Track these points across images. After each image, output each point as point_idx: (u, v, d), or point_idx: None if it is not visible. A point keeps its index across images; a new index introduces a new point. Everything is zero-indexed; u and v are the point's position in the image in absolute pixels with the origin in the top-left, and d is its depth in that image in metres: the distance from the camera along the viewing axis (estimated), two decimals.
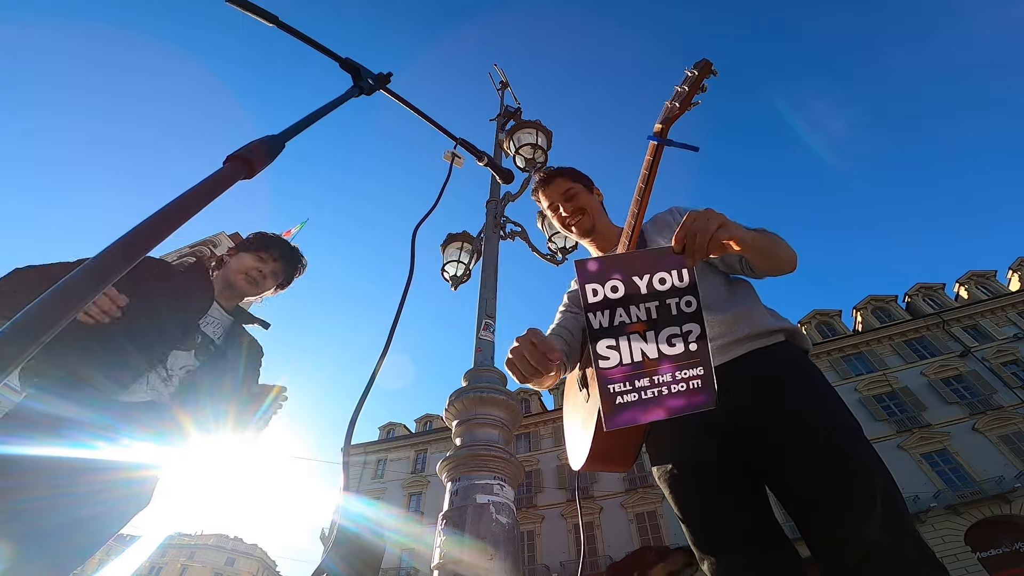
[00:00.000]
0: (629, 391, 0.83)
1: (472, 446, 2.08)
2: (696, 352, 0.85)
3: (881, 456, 0.99)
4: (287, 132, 0.65)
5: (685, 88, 0.97)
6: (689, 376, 0.84)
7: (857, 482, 0.94)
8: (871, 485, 0.94)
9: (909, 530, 0.91)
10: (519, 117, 4.44)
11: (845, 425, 1.03)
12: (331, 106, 0.78)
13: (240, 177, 0.56)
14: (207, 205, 0.51)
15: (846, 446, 0.99)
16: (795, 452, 1.00)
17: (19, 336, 0.34)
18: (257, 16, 0.84)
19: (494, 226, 3.23)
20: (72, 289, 0.38)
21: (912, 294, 27.22)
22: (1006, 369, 21.43)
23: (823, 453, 0.98)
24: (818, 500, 0.96)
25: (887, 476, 0.97)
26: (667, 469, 1.19)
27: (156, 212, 0.47)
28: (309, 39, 0.91)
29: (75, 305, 0.38)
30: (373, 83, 0.92)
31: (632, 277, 0.87)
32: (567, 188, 1.49)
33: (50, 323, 0.36)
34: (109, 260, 0.41)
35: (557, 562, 21.00)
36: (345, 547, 0.61)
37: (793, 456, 1.00)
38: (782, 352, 1.17)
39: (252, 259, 1.77)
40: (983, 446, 19.30)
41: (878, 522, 0.90)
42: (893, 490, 0.95)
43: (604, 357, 0.84)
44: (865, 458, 0.98)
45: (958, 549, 17.47)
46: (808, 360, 1.20)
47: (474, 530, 1.81)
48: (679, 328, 0.86)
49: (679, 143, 1.01)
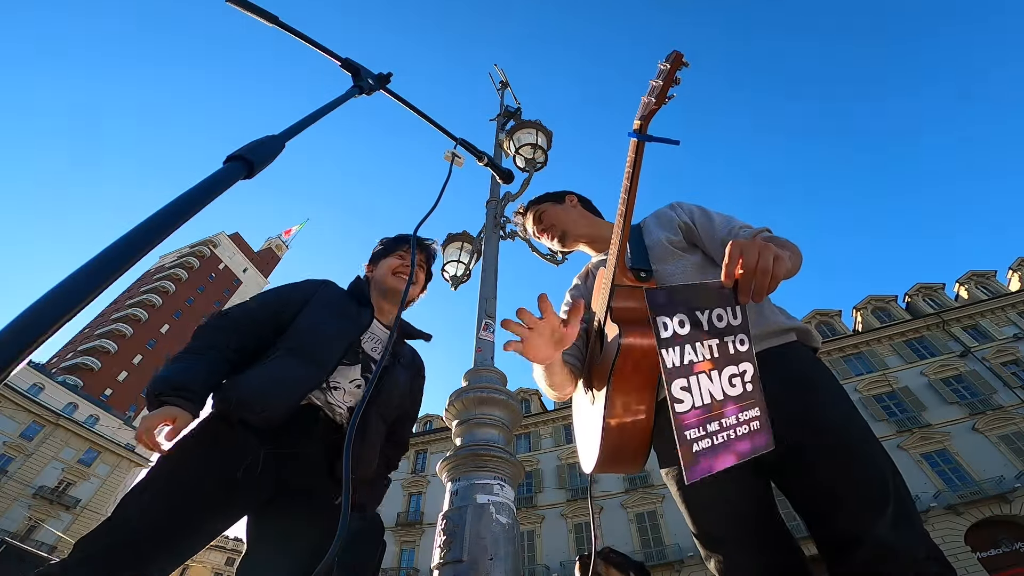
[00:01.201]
0: (703, 437, 0.80)
1: (472, 446, 2.08)
2: (752, 392, 0.84)
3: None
4: (287, 132, 0.65)
5: (660, 82, 0.96)
6: (750, 417, 0.83)
7: (872, 482, 0.94)
8: (885, 485, 0.94)
9: (920, 530, 0.91)
10: (519, 117, 4.44)
11: (859, 425, 1.03)
12: (331, 106, 0.78)
13: (240, 177, 0.56)
14: (207, 205, 0.51)
15: (861, 446, 1.00)
16: (810, 451, 1.00)
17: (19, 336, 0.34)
18: (257, 16, 0.84)
19: (494, 226, 3.23)
20: (72, 289, 0.38)
21: (912, 294, 27.21)
22: (1006, 369, 21.43)
23: (839, 452, 0.98)
24: (832, 499, 0.96)
25: (899, 476, 0.97)
26: (678, 469, 1.18)
27: (156, 212, 0.47)
28: (309, 39, 0.91)
29: (75, 305, 0.38)
30: (373, 83, 0.92)
31: (695, 311, 0.85)
32: (537, 211, 1.61)
33: (50, 323, 0.36)
34: (109, 260, 0.41)
35: (557, 562, 21.00)
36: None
37: (808, 455, 1.00)
38: (795, 351, 1.16)
39: (394, 259, 1.78)
40: (983, 446, 19.29)
41: (891, 522, 0.90)
42: (904, 491, 0.95)
43: (679, 400, 0.80)
44: (878, 458, 0.98)
45: (958, 549, 17.48)
46: (819, 360, 1.20)
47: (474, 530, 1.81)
48: (737, 367, 0.85)
49: (659, 138, 1.02)
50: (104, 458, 33.11)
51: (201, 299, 63.99)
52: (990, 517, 17.81)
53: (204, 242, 69.61)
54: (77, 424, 32.84)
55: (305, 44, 0.91)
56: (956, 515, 18.05)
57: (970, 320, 24.00)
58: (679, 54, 0.94)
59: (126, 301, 58.28)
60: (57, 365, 49.28)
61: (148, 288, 59.39)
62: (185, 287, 62.29)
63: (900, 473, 0.98)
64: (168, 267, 63.39)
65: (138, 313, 55.30)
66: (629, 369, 1.02)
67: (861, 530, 0.90)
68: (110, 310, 58.08)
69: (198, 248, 68.21)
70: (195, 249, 67.95)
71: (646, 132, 1.00)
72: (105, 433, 34.39)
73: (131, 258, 0.42)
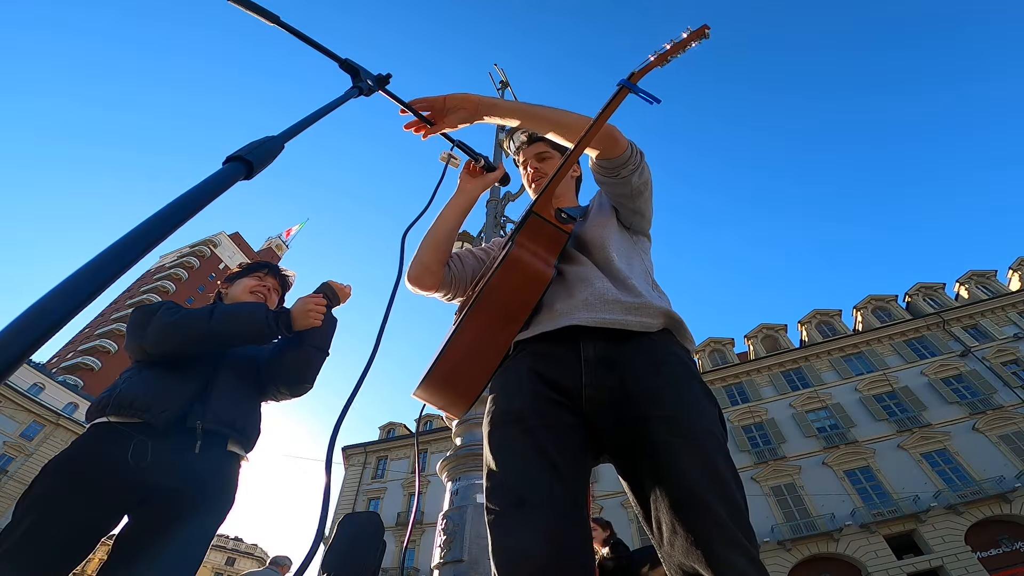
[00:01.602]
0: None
1: (472, 446, 2.08)
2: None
3: (882, 456, 0.97)
4: (286, 133, 0.65)
5: (670, 45, 1.00)
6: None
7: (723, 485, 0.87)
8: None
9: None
10: None
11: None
12: (330, 107, 0.78)
13: (239, 177, 0.56)
14: (207, 206, 0.51)
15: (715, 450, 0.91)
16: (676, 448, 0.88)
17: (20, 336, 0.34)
18: (258, 15, 0.84)
19: (494, 226, 3.24)
20: (72, 290, 0.38)
21: (912, 294, 27.22)
22: (1006, 369, 21.44)
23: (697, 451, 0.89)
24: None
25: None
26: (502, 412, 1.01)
27: (155, 213, 0.47)
28: (309, 39, 0.91)
29: (75, 306, 0.38)
30: (372, 84, 0.92)
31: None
32: (542, 151, 1.49)
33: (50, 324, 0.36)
34: (108, 261, 0.41)
35: None
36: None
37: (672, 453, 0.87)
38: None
39: (251, 279, 1.93)
40: (983, 446, 19.30)
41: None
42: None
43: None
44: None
45: (958, 549, 17.48)
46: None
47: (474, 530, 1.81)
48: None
49: (643, 92, 1.05)
50: None
51: (201, 299, 63.98)
52: (990, 517, 17.82)
53: (204, 242, 69.62)
54: (78, 424, 32.83)
55: (305, 44, 0.91)
56: (956, 515, 18.06)
57: (970, 320, 24.01)
58: (705, 27, 1.00)
59: (126, 301, 58.31)
60: (57, 365, 49.32)
61: (148, 288, 59.40)
62: (185, 287, 62.29)
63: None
64: (168, 267, 63.43)
65: None
66: (506, 287, 1.00)
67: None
68: (110, 310, 58.12)
69: (198, 248, 68.23)
70: (195, 249, 67.96)
71: (636, 84, 1.03)
72: None
73: (131, 258, 0.42)
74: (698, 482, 0.80)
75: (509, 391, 1.00)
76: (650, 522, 0.84)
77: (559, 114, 1.18)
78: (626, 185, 1.18)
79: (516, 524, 0.84)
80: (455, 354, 1.00)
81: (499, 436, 0.96)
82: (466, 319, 0.99)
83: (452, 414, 1.10)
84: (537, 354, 1.02)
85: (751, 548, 0.76)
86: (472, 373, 1.00)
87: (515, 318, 1.01)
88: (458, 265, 1.33)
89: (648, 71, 1.11)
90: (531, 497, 0.85)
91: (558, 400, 0.96)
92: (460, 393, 1.01)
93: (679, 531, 0.77)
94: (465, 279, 1.33)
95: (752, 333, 28.99)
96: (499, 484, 0.90)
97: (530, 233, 1.05)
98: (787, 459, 21.49)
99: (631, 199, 1.21)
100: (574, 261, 1.14)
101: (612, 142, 1.13)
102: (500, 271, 1.00)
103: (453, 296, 1.32)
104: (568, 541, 0.82)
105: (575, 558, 0.82)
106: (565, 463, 0.89)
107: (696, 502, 0.78)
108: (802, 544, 19.12)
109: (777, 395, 24.43)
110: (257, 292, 1.90)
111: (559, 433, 0.93)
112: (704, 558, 0.73)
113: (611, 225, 1.23)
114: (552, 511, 0.84)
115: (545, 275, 1.02)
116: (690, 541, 0.75)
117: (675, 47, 1.08)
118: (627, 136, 1.16)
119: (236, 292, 1.90)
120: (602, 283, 1.06)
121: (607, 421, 0.94)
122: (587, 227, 1.22)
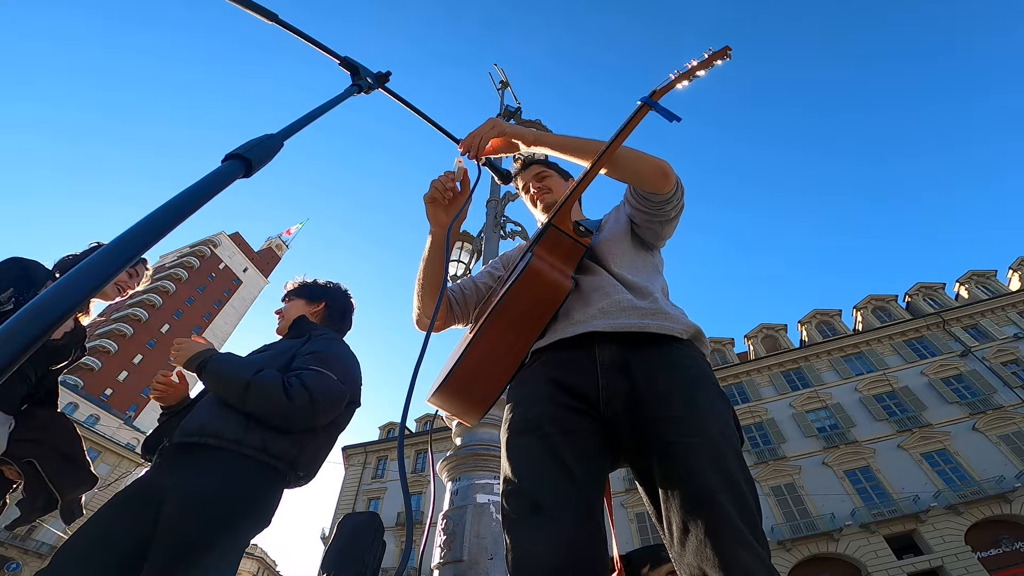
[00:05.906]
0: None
1: (472, 446, 2.08)
2: None
3: (882, 456, 0.96)
4: (286, 131, 0.65)
5: (693, 64, 1.02)
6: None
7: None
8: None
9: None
10: (519, 116, 4.44)
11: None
12: (330, 105, 0.78)
13: (238, 175, 0.56)
14: (206, 204, 0.50)
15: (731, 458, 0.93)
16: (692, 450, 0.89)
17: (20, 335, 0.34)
18: (257, 14, 0.84)
19: (494, 225, 3.24)
20: (70, 289, 0.38)
21: (912, 294, 27.21)
22: (1006, 369, 21.42)
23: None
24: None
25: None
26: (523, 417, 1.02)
27: (154, 210, 0.46)
28: (308, 37, 0.91)
29: (73, 305, 0.38)
30: (372, 82, 0.92)
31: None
32: (539, 171, 1.54)
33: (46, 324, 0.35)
34: (107, 259, 0.41)
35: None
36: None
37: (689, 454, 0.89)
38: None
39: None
40: (983, 446, 19.29)
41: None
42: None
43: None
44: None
45: (958, 549, 17.47)
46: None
47: (474, 530, 1.81)
48: None
49: (663, 109, 1.04)
50: (104, 458, 33.10)
51: (201, 299, 64.02)
52: (990, 517, 17.81)
53: (204, 242, 69.59)
54: (77, 424, 32.76)
55: (304, 42, 0.91)
56: (956, 515, 18.05)
57: (970, 320, 24.00)
58: (727, 48, 1.01)
59: (126, 301, 58.31)
60: None
61: (148, 288, 59.37)
62: (185, 287, 62.29)
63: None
64: (168, 267, 63.38)
65: (138, 313, 55.31)
66: (525, 297, 1.01)
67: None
68: (110, 310, 58.07)
69: (198, 248, 68.20)
70: (195, 249, 67.94)
71: (657, 101, 1.03)
72: (105, 433, 34.38)
73: (131, 256, 0.42)
74: (710, 482, 0.80)
75: (526, 399, 1.02)
76: (662, 523, 0.85)
77: (596, 144, 1.15)
78: (664, 219, 1.20)
79: (532, 530, 0.85)
80: (472, 362, 1.01)
81: (516, 443, 0.97)
82: (485, 327, 1.01)
83: (466, 421, 1.11)
84: (554, 361, 1.04)
85: (761, 549, 0.76)
86: (488, 381, 1.02)
87: (533, 327, 1.03)
88: (459, 298, 1.36)
89: (670, 89, 1.09)
90: (547, 503, 0.86)
91: (575, 406, 0.97)
92: (476, 401, 1.03)
93: (690, 531, 0.78)
94: (468, 310, 1.36)
95: (752, 333, 28.99)
96: (516, 490, 0.91)
97: (549, 245, 1.07)
98: (787, 459, 21.48)
99: (661, 227, 1.23)
100: (591, 273, 1.16)
101: (663, 178, 1.12)
102: (519, 282, 1.01)
103: (464, 324, 1.37)
104: (582, 547, 0.83)
105: (589, 564, 0.83)
106: (581, 470, 0.90)
107: (707, 502, 0.78)
108: (802, 544, 19.11)
109: (777, 395, 24.42)
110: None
111: (576, 439, 0.93)
112: (714, 558, 0.73)
113: (627, 240, 1.25)
114: (567, 517, 0.84)
115: (564, 286, 1.04)
116: (700, 541, 0.76)
117: (699, 65, 1.06)
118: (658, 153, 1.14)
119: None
120: (619, 293, 1.08)
121: (623, 424, 0.94)
122: (603, 240, 1.24)
